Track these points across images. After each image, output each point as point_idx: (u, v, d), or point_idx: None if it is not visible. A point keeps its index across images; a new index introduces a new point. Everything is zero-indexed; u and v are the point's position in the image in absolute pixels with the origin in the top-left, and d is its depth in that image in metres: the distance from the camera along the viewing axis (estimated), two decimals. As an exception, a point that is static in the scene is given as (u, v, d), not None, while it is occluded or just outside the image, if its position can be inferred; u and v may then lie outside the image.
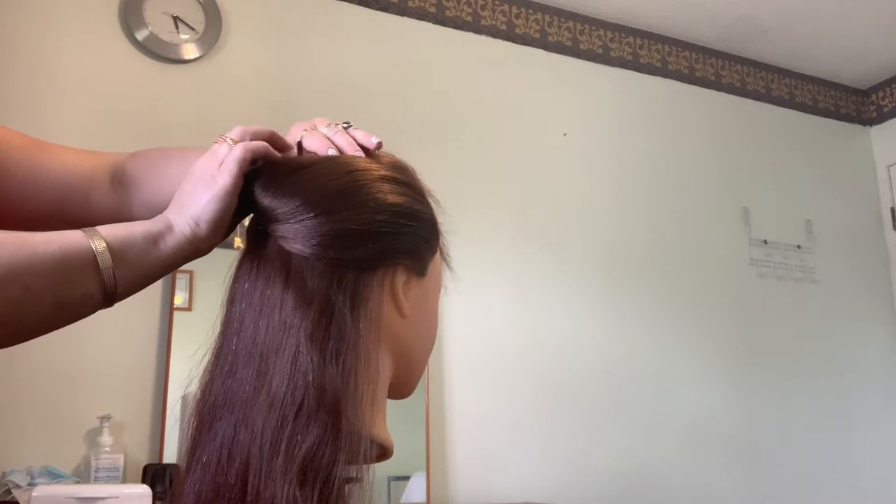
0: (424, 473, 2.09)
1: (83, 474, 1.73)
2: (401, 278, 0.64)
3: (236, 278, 0.63)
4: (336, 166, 0.65)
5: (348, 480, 0.57)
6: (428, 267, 0.67)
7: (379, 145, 0.68)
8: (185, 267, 1.95)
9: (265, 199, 0.62)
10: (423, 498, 2.06)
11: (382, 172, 0.65)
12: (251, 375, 0.58)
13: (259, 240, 0.63)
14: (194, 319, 1.93)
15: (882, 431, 2.92)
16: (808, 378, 2.83)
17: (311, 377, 0.56)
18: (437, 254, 0.69)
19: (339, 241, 0.60)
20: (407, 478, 2.11)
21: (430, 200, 0.69)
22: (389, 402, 0.67)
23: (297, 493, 0.52)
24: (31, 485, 1.57)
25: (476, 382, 2.26)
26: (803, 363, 2.84)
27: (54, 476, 1.65)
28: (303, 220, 0.60)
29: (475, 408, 2.23)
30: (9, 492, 1.58)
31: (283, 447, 0.54)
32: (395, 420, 0.73)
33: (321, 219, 0.60)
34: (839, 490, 2.75)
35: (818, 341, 2.89)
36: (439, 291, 0.71)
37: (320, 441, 0.54)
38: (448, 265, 0.73)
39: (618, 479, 2.37)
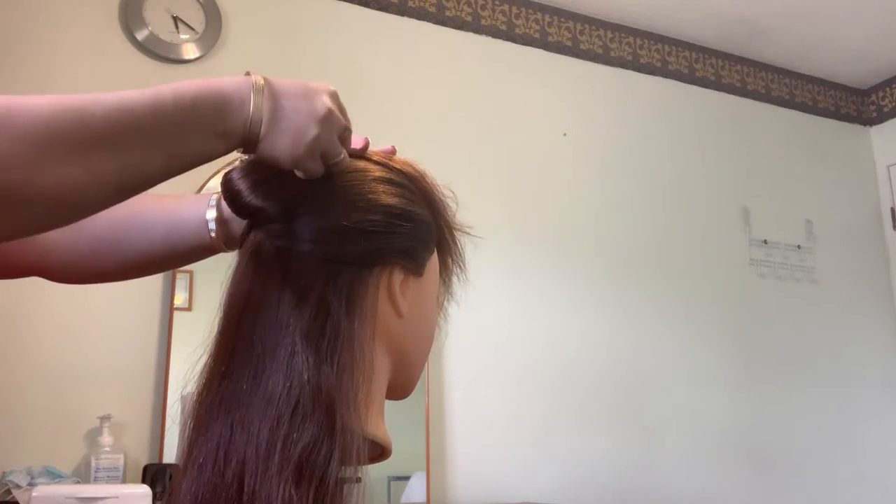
0: (424, 473, 2.09)
1: (83, 474, 1.73)
2: (398, 278, 0.64)
3: (233, 280, 0.63)
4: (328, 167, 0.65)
5: (345, 480, 0.57)
6: (425, 267, 0.67)
7: (365, 145, 0.67)
8: (185, 267, 1.96)
9: (255, 200, 0.62)
10: (423, 498, 2.06)
11: (377, 174, 0.65)
12: (248, 376, 0.58)
13: (254, 241, 0.63)
14: (194, 319, 1.93)
15: (883, 431, 2.92)
16: (809, 378, 2.83)
17: (306, 376, 0.56)
18: (436, 254, 0.69)
19: (332, 238, 0.60)
20: (407, 478, 2.11)
21: (439, 202, 0.69)
22: (389, 402, 0.67)
23: (293, 493, 0.52)
24: (31, 485, 1.57)
25: (476, 382, 2.26)
26: (803, 363, 2.83)
27: (54, 476, 1.65)
28: (295, 217, 0.61)
29: (475, 408, 2.24)
30: (9, 492, 1.58)
31: (278, 447, 0.54)
32: (395, 420, 0.73)
33: (314, 216, 0.61)
34: (840, 489, 2.75)
35: (818, 341, 2.89)
36: (438, 291, 0.71)
37: (315, 440, 0.55)
38: (461, 267, 0.73)
39: (617, 480, 2.37)
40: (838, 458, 2.79)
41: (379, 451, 0.63)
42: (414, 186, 0.68)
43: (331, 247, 0.60)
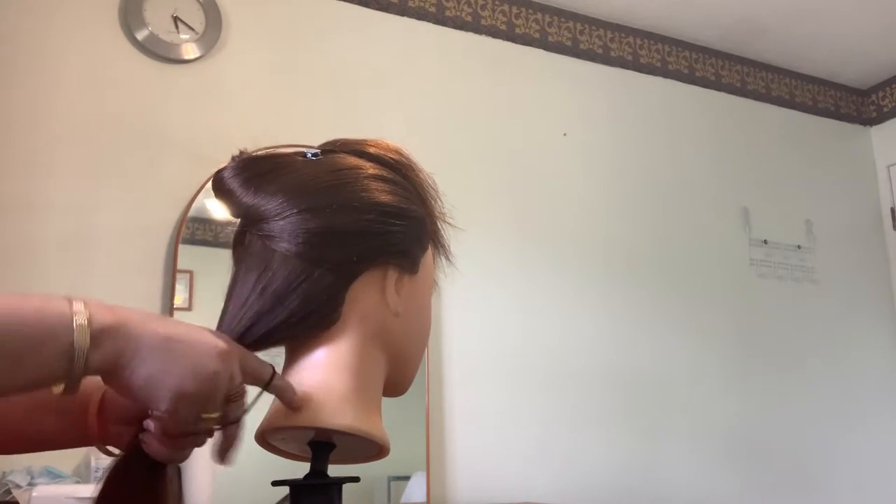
0: (424, 473, 2.09)
1: (83, 474, 1.73)
2: (392, 276, 0.63)
3: (231, 279, 0.63)
4: (323, 164, 0.64)
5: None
6: (420, 264, 0.66)
7: None
8: (185, 266, 1.96)
9: (247, 197, 0.61)
10: (423, 498, 2.06)
11: (372, 171, 0.64)
12: None
13: (247, 240, 0.62)
14: (194, 319, 1.91)
15: (882, 431, 2.91)
16: (808, 378, 2.82)
17: None
18: (430, 250, 0.69)
19: (325, 240, 0.59)
20: (407, 478, 2.11)
21: (430, 195, 0.69)
22: (390, 401, 0.67)
23: None
24: (31, 485, 1.57)
25: (476, 382, 2.25)
26: (803, 363, 2.83)
27: (54, 476, 1.65)
28: (288, 216, 0.59)
29: (475, 407, 2.23)
30: (9, 492, 1.58)
31: None
32: (395, 420, 0.73)
33: (306, 215, 0.59)
34: (839, 489, 2.75)
35: (818, 341, 2.89)
36: (432, 288, 0.70)
37: None
38: (447, 258, 0.72)
39: (617, 479, 2.37)
40: (837, 457, 2.79)
41: (377, 450, 0.63)
42: (407, 182, 0.67)
43: (324, 249, 0.59)
